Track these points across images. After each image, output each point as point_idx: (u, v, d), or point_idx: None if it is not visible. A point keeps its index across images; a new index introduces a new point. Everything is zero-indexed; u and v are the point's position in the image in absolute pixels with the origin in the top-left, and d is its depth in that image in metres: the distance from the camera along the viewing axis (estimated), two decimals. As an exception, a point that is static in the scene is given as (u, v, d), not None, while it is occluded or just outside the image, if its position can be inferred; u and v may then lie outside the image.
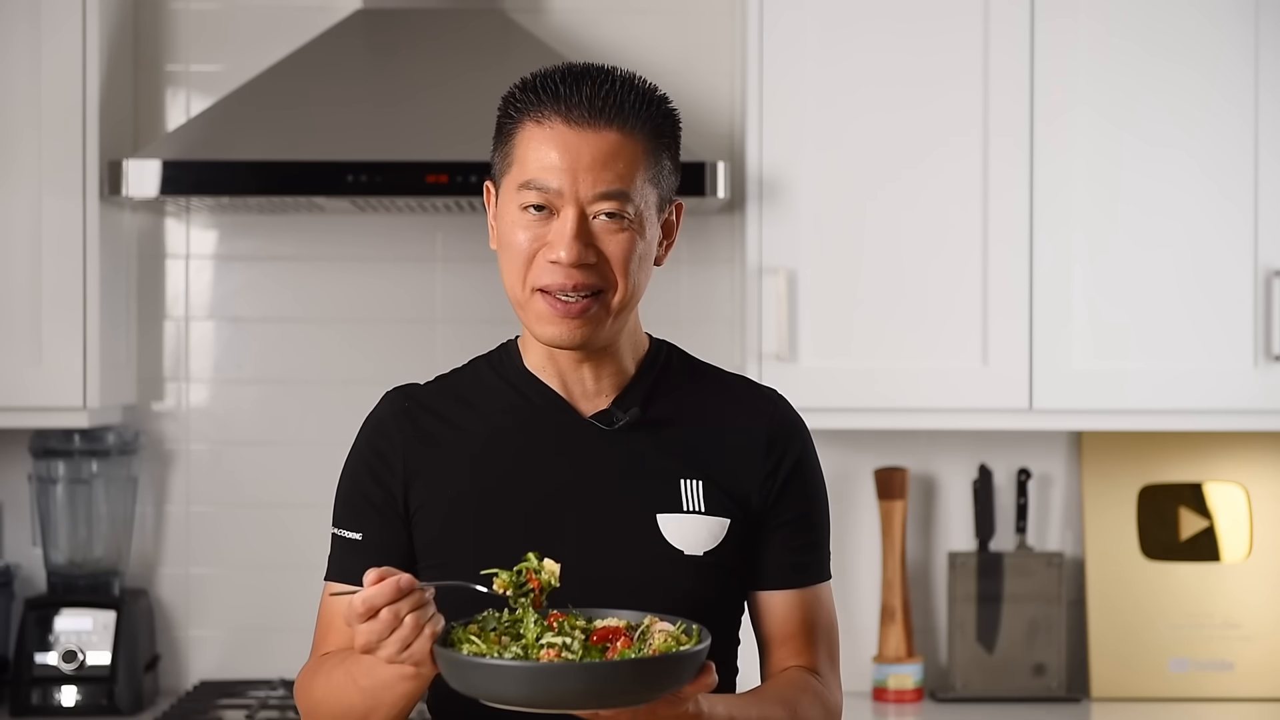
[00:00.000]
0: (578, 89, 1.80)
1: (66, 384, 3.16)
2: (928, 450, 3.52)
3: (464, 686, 1.62)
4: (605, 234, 1.80)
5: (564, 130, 1.80)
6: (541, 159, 1.80)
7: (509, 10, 3.43)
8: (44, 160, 3.17)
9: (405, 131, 3.16)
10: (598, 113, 1.80)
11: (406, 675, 1.71)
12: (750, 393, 1.95)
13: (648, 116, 1.82)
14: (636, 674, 1.58)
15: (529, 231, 1.82)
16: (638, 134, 1.81)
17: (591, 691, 1.57)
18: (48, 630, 3.27)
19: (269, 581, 3.48)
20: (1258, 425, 3.22)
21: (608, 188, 1.79)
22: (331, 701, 1.82)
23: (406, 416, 1.92)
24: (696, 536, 1.85)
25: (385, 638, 1.63)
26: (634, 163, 1.81)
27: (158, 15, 3.49)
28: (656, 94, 1.85)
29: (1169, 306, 3.19)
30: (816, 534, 1.93)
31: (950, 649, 3.45)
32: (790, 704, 1.84)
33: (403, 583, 1.62)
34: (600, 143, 1.80)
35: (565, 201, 1.80)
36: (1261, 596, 3.44)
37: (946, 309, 3.19)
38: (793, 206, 3.18)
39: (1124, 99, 3.19)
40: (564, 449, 1.88)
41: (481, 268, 3.50)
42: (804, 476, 1.92)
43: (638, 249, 1.82)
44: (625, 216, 1.80)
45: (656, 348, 1.95)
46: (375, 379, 3.49)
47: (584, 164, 1.79)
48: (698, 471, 1.87)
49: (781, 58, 3.19)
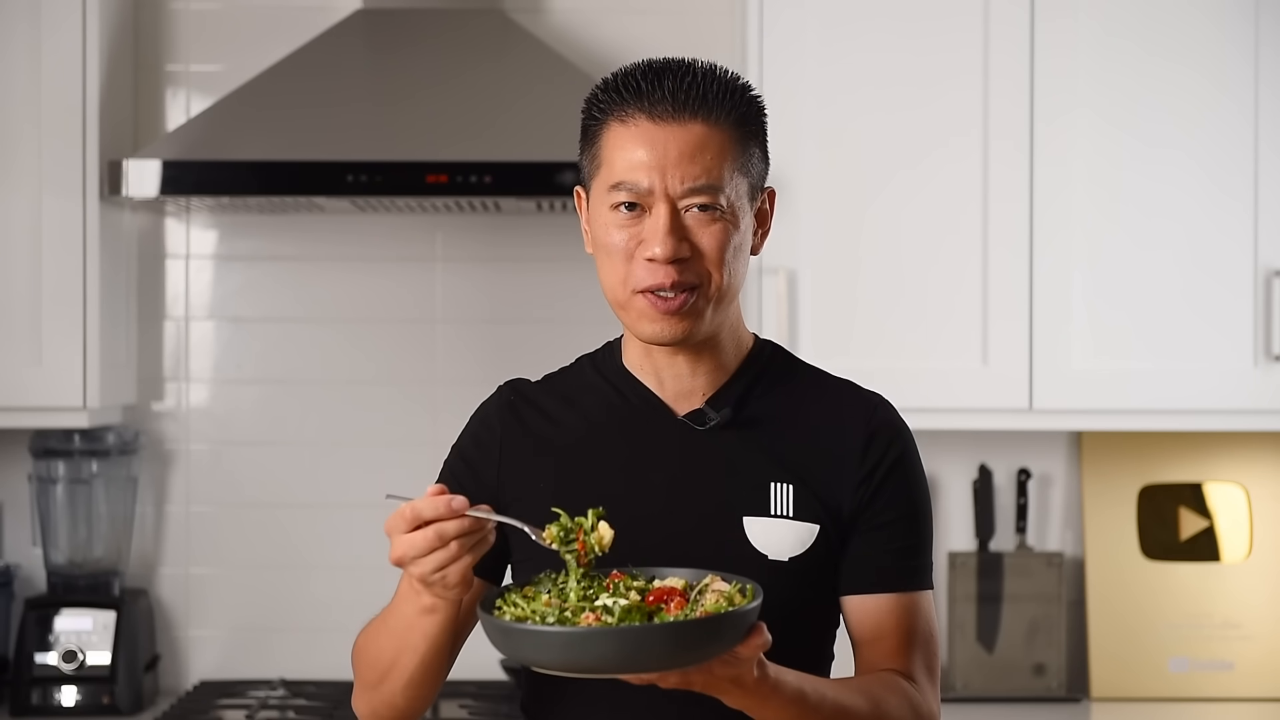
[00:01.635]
0: (659, 84, 1.80)
1: (66, 384, 3.16)
2: (928, 450, 3.50)
3: (507, 652, 1.61)
4: (699, 227, 1.80)
5: (649, 127, 1.79)
6: (629, 157, 1.80)
7: (509, 10, 3.43)
8: (44, 160, 3.17)
9: (405, 131, 3.16)
10: (681, 106, 1.79)
11: (425, 608, 1.71)
12: (851, 396, 1.91)
13: (732, 106, 1.81)
14: (672, 638, 1.55)
15: (624, 231, 1.81)
16: (723, 124, 1.80)
17: (626, 657, 1.55)
18: (48, 630, 3.27)
19: (269, 581, 3.48)
20: (1258, 425, 3.22)
21: (696, 181, 1.79)
22: (370, 648, 1.84)
23: (510, 410, 1.92)
24: (783, 542, 1.82)
25: (424, 554, 1.63)
26: (722, 153, 1.80)
27: (158, 15, 3.49)
28: (739, 83, 1.84)
29: (1169, 306, 3.19)
30: (916, 539, 1.87)
31: (950, 649, 3.45)
32: (874, 700, 1.77)
33: (455, 503, 1.62)
34: (686, 136, 1.79)
35: (656, 198, 1.79)
36: (1261, 596, 3.44)
37: (946, 309, 3.19)
38: (793, 206, 3.18)
39: (1124, 99, 3.18)
40: (655, 448, 1.86)
41: (481, 268, 3.50)
42: (903, 479, 1.87)
43: (733, 240, 1.81)
44: (718, 208, 1.79)
45: (760, 347, 1.93)
46: (375, 379, 3.52)
47: (672, 159, 1.78)
48: (790, 475, 1.84)
49: (781, 57, 3.19)
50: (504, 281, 3.49)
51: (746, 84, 1.86)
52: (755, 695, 1.65)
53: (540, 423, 1.90)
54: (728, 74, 1.84)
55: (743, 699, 1.65)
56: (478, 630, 1.99)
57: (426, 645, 1.76)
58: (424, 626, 1.74)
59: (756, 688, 1.64)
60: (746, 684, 1.63)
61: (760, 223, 1.89)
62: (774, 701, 1.67)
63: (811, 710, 1.70)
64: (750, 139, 1.84)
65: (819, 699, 1.71)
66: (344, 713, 3.15)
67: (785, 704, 1.67)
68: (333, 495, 3.48)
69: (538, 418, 1.91)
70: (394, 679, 1.81)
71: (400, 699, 1.84)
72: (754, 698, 1.65)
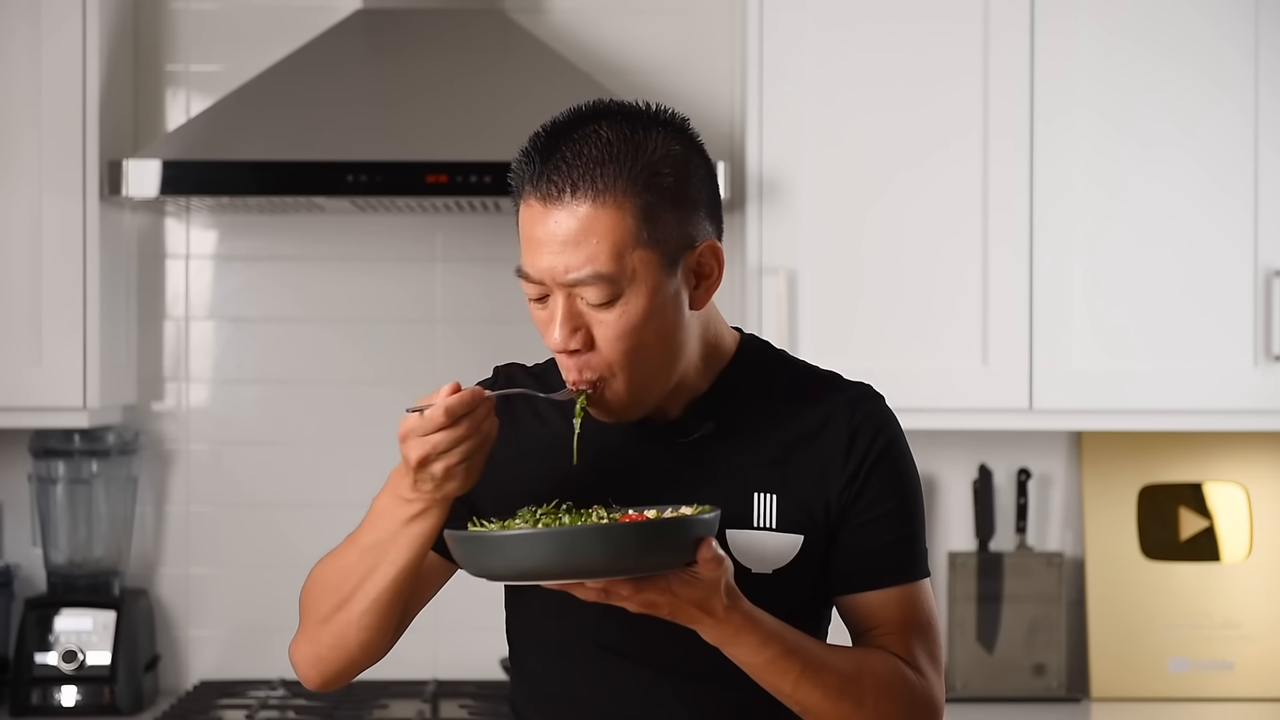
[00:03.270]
0: (549, 158, 1.67)
1: (66, 384, 3.16)
2: (928, 450, 3.52)
3: (465, 563, 1.64)
4: (593, 317, 1.69)
5: (539, 209, 1.68)
6: (525, 243, 1.70)
7: (509, 10, 3.43)
8: (44, 160, 3.17)
9: (405, 131, 3.16)
10: (564, 184, 1.66)
11: (415, 514, 1.70)
12: (834, 393, 1.84)
13: (632, 172, 1.67)
14: (607, 537, 1.56)
15: (537, 318, 1.73)
16: (617, 199, 1.66)
17: (567, 557, 1.57)
18: (48, 630, 3.27)
19: (269, 581, 3.48)
20: (1258, 425, 3.22)
21: (579, 271, 1.66)
22: (328, 574, 1.80)
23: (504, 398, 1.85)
24: (765, 554, 1.78)
25: (454, 446, 1.63)
26: (611, 234, 1.66)
27: (158, 15, 3.49)
28: (646, 137, 1.69)
29: (1169, 306, 3.19)
30: (909, 529, 1.81)
31: (950, 649, 3.45)
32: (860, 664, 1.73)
33: (479, 394, 1.63)
34: (570, 221, 1.66)
35: (550, 286, 1.69)
36: (1261, 596, 3.44)
37: (947, 309, 3.19)
38: (793, 207, 3.18)
39: (1124, 99, 3.19)
40: (638, 458, 1.81)
41: (481, 268, 3.50)
42: (889, 472, 1.81)
43: (640, 320, 1.69)
44: (611, 297, 1.67)
45: (743, 349, 1.84)
46: (375, 379, 3.52)
47: (555, 247, 1.67)
48: (772, 485, 1.79)
49: (781, 58, 3.19)
50: (504, 281, 3.49)
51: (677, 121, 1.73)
52: (727, 626, 1.64)
53: (528, 417, 1.85)
54: (642, 131, 1.69)
55: (715, 630, 1.64)
56: (475, 630, 2.00)
57: (408, 557, 1.73)
58: (409, 536, 1.72)
59: (727, 618, 1.63)
60: (715, 612, 1.62)
61: (702, 277, 1.74)
62: (748, 637, 1.66)
63: (789, 655, 1.68)
64: (661, 205, 1.68)
65: (797, 645, 1.69)
66: (344, 713, 3.15)
67: (760, 642, 1.66)
68: (333, 495, 3.48)
69: (527, 412, 1.85)
70: (355, 604, 1.77)
71: (353, 633, 1.79)
72: (726, 629, 1.64)
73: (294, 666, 1.88)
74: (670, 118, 1.74)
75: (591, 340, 1.70)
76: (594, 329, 1.69)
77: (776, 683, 1.70)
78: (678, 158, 1.71)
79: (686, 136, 1.74)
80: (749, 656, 1.67)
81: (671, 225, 1.70)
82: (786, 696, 1.71)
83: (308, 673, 1.87)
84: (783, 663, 1.68)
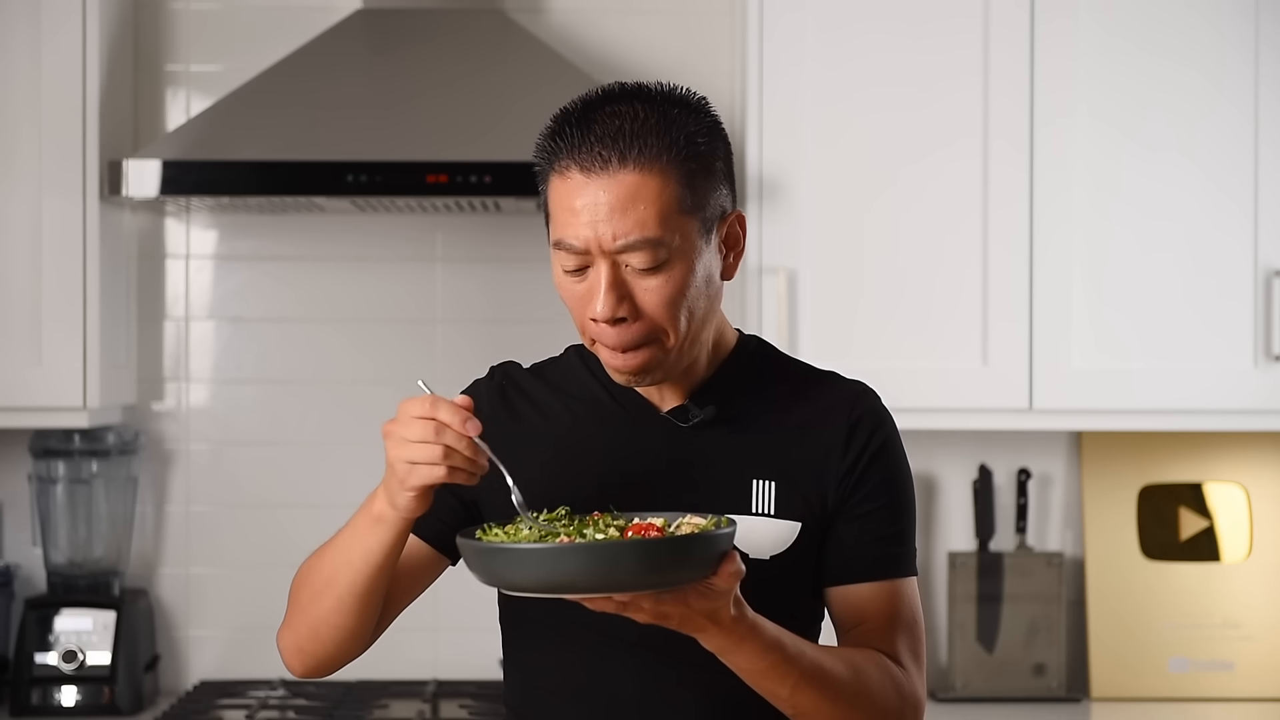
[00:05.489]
0: (588, 132, 1.72)
1: (66, 384, 3.16)
2: (928, 450, 3.52)
3: (484, 573, 1.62)
4: (640, 282, 1.72)
5: (580, 180, 1.71)
6: (564, 214, 1.72)
7: (509, 10, 3.43)
8: (44, 160, 3.17)
9: (405, 131, 3.16)
10: (609, 154, 1.70)
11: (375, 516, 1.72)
12: (834, 388, 1.87)
13: (670, 143, 1.72)
14: (644, 553, 1.55)
15: (572, 291, 1.75)
16: (660, 167, 1.71)
17: (600, 572, 1.55)
18: (48, 630, 3.27)
19: (269, 581, 3.48)
20: (1258, 425, 3.22)
21: (629, 237, 1.70)
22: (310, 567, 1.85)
23: (500, 394, 1.90)
24: (763, 540, 1.80)
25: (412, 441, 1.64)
26: (658, 200, 1.71)
27: (158, 15, 3.49)
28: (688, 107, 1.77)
29: (1169, 306, 3.19)
30: (899, 526, 1.84)
31: (950, 649, 3.45)
32: (855, 668, 1.75)
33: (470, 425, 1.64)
34: (616, 188, 1.70)
35: (595, 255, 1.72)
36: (1261, 596, 3.44)
37: (947, 309, 3.19)
38: (793, 206, 3.18)
39: (1124, 100, 3.19)
40: (638, 444, 1.84)
41: (481, 267, 3.50)
42: (886, 467, 1.84)
43: (684, 285, 1.73)
44: (659, 261, 1.72)
45: (744, 344, 1.89)
46: (375, 379, 3.52)
47: (602, 215, 1.70)
48: (771, 472, 1.82)
49: (782, 58, 3.19)
50: (504, 281, 3.49)
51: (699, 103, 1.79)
52: (732, 635, 1.64)
53: (528, 410, 1.89)
54: (675, 99, 1.77)
55: (720, 638, 1.65)
56: (475, 630, 2.00)
57: (365, 563, 1.75)
58: (368, 541, 1.74)
59: (733, 627, 1.64)
60: (723, 621, 1.62)
61: (730, 247, 1.81)
62: (750, 645, 1.66)
63: (788, 661, 1.68)
64: (697, 172, 1.74)
65: (797, 652, 1.69)
66: (344, 713, 3.15)
67: (762, 650, 1.67)
68: (333, 495, 3.48)
69: (526, 405, 1.89)
70: (324, 600, 1.80)
71: (325, 626, 1.82)
72: (730, 638, 1.64)
73: (280, 653, 1.92)
74: (693, 95, 1.81)
75: (635, 310, 1.73)
76: (639, 297, 1.73)
77: (774, 688, 1.70)
78: (709, 130, 1.78)
79: (710, 114, 1.81)
80: (749, 663, 1.68)
81: (708, 194, 1.76)
82: (783, 701, 1.72)
83: (290, 661, 1.90)
84: (783, 668, 1.69)
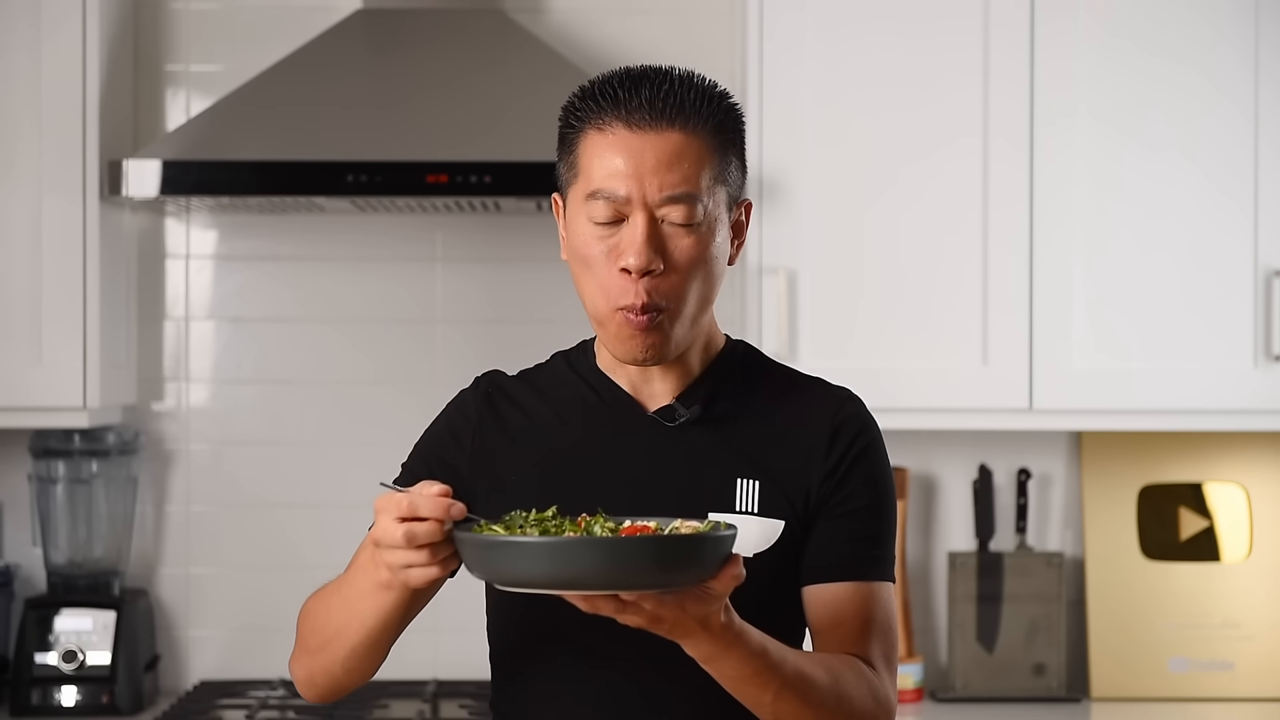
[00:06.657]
0: (637, 92, 1.78)
1: (66, 384, 3.16)
2: (928, 450, 3.52)
3: (487, 569, 1.60)
4: (674, 239, 1.78)
5: (626, 135, 1.78)
6: (606, 166, 1.78)
7: (509, 10, 3.43)
8: (44, 160, 3.17)
9: (405, 131, 3.16)
10: (659, 114, 1.77)
11: (382, 583, 1.70)
12: (819, 393, 1.92)
13: (709, 114, 1.80)
14: (657, 551, 1.55)
15: (603, 244, 1.79)
16: (701, 132, 1.79)
17: (611, 569, 1.54)
18: (48, 630, 3.27)
19: (269, 581, 3.48)
20: (1258, 425, 3.22)
21: (675, 189, 1.77)
22: (317, 613, 1.84)
23: (487, 401, 1.92)
24: (748, 537, 1.81)
25: (397, 547, 1.62)
26: (700, 161, 1.79)
27: (158, 15, 3.49)
28: (717, 90, 1.83)
29: (1169, 306, 3.19)
30: (877, 530, 1.87)
31: (950, 649, 3.45)
32: (834, 674, 1.76)
33: (454, 510, 1.62)
34: (664, 144, 1.78)
35: (634, 207, 1.78)
36: (1261, 596, 3.44)
37: (947, 309, 3.19)
38: (793, 206, 3.18)
39: (1124, 99, 3.19)
40: (625, 444, 1.87)
41: (481, 267, 3.50)
42: (868, 471, 1.87)
43: (708, 252, 1.80)
44: (695, 219, 1.78)
45: (731, 347, 1.93)
46: (375, 379, 3.52)
47: (649, 167, 1.77)
48: (756, 471, 1.85)
49: (782, 58, 3.19)
50: (504, 281, 3.49)
51: (725, 91, 1.84)
52: (719, 641, 1.64)
53: (515, 415, 1.91)
54: (705, 81, 1.83)
55: (708, 645, 1.65)
56: (475, 630, 1.99)
57: (375, 620, 1.76)
58: (377, 602, 1.74)
59: (722, 633, 1.64)
60: (713, 627, 1.63)
61: (736, 234, 1.87)
62: (736, 652, 1.66)
63: (771, 668, 1.69)
64: (728, 147, 1.83)
65: (780, 659, 1.70)
66: (344, 713, 3.15)
67: (747, 657, 1.67)
68: (333, 495, 3.48)
69: (513, 411, 1.91)
70: (336, 648, 1.81)
71: (339, 669, 1.83)
72: (718, 644, 1.65)
73: (293, 681, 1.93)
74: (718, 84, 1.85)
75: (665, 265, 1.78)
76: (671, 251, 1.78)
77: (757, 695, 1.71)
78: (740, 115, 1.86)
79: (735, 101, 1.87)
80: (734, 670, 1.68)
81: (735, 170, 1.85)
82: (765, 707, 1.72)
83: (304, 690, 1.92)
84: (766, 675, 1.69)
